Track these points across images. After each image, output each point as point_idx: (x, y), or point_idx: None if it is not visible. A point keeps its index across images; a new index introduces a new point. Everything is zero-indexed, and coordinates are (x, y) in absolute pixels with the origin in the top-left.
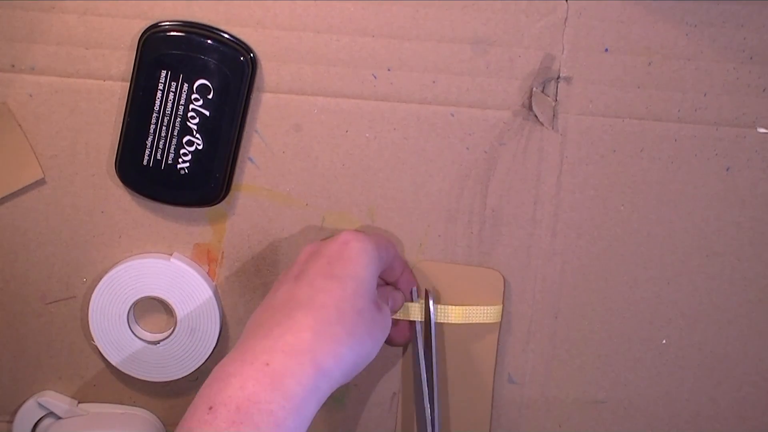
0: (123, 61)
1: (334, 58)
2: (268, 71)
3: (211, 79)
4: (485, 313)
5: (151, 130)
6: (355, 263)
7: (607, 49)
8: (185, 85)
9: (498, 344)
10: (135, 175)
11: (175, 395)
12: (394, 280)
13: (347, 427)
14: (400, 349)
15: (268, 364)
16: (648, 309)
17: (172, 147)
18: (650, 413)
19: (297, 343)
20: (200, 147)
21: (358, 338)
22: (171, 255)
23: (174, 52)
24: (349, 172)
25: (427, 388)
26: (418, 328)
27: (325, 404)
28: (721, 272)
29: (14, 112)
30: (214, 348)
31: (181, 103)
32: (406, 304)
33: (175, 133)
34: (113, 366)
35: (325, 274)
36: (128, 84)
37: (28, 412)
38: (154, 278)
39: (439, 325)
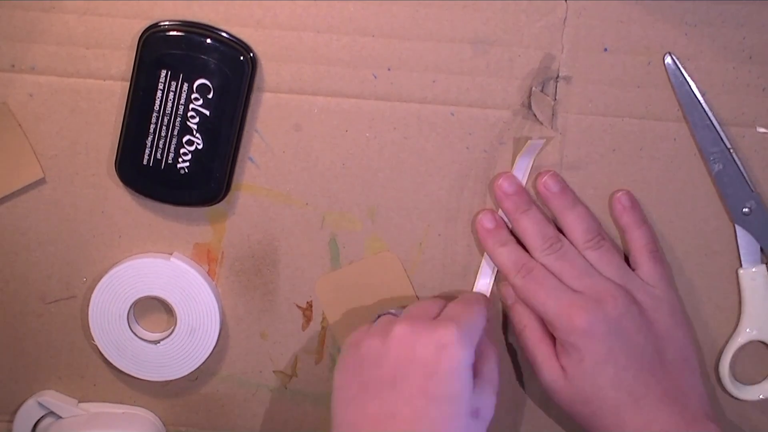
0: (123, 61)
1: (334, 58)
2: (268, 71)
3: (211, 78)
4: None
5: (151, 130)
6: (454, 381)
7: (606, 49)
8: (185, 85)
9: None
10: (135, 174)
11: (175, 395)
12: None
13: None
14: None
15: None
16: None
17: (172, 147)
18: None
19: None
20: (200, 147)
21: None
22: (171, 255)
23: (174, 51)
24: (349, 172)
25: None
26: None
27: (325, 403)
28: (721, 272)
29: (14, 112)
30: (214, 348)
31: (181, 102)
32: None
33: (175, 133)
34: (113, 366)
35: (423, 392)
36: (128, 84)
37: (28, 412)
38: (154, 278)
39: None
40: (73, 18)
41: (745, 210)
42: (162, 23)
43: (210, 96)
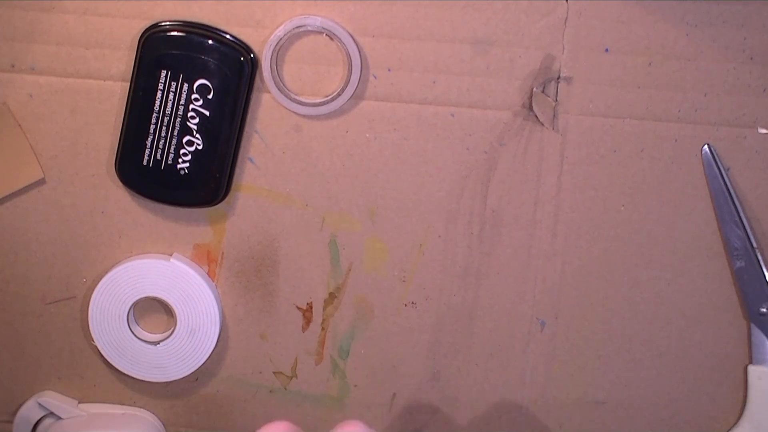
0: (123, 61)
1: (334, 58)
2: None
3: (211, 79)
4: None
5: (151, 130)
6: None
7: (607, 49)
8: (185, 85)
9: None
10: (135, 175)
11: (175, 395)
12: None
13: None
14: (400, 350)
15: None
16: (648, 309)
17: (172, 147)
18: (650, 413)
19: None
20: (200, 147)
21: None
22: (171, 255)
23: (174, 52)
24: (349, 173)
25: None
26: None
27: (325, 404)
28: (722, 272)
29: (14, 112)
30: (214, 348)
31: (181, 103)
32: None
33: (175, 133)
34: (113, 366)
35: None
36: (128, 84)
37: (28, 413)
38: (154, 279)
39: None
40: (73, 18)
41: (763, 310)
42: (162, 23)
43: (210, 96)
